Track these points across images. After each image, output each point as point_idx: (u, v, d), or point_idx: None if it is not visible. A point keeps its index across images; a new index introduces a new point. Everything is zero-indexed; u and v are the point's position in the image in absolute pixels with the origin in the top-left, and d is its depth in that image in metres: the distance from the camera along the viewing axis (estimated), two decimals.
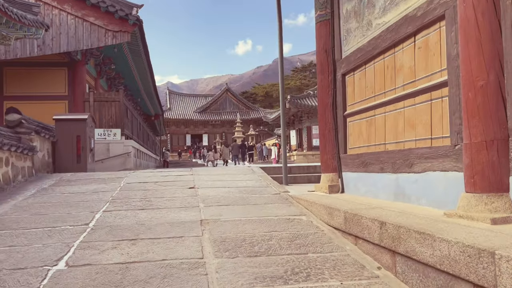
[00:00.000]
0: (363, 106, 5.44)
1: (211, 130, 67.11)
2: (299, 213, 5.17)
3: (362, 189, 5.44)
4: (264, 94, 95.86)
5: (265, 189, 6.80)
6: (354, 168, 5.64)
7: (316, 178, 9.73)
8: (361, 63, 5.44)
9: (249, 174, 8.39)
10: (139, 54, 19.27)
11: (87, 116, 10.30)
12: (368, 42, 5.20)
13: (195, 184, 7.22)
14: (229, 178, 7.95)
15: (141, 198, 6.11)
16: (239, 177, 8.07)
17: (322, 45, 6.39)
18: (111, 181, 7.67)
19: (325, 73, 6.34)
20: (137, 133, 21.88)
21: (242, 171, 8.80)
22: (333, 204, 4.58)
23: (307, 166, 10.15)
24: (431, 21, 3.94)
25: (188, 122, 66.18)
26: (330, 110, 6.27)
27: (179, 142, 65.98)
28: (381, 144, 4.97)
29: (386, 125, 4.86)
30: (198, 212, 5.24)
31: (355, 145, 5.70)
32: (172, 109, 66.34)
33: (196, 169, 9.59)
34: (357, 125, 5.65)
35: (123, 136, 16.22)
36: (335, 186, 6.09)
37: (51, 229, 4.48)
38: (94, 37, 15.52)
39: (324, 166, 6.35)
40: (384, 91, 4.90)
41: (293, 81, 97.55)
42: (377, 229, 3.39)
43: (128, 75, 22.46)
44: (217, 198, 6.07)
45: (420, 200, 4.09)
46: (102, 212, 5.31)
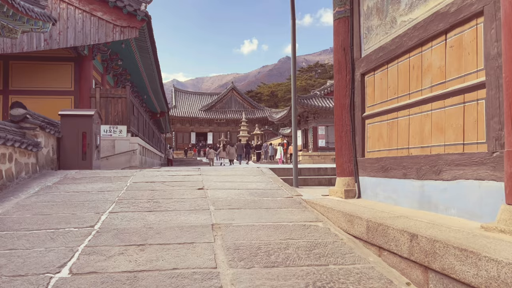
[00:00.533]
0: (384, 108, 5.17)
1: (216, 128, 66.93)
2: (315, 219, 4.90)
3: (381, 195, 5.17)
4: (269, 93, 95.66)
5: (277, 192, 6.53)
6: (372, 173, 5.37)
7: (326, 181, 9.47)
8: (383, 62, 5.17)
9: (259, 176, 8.13)
10: (146, 50, 19.05)
11: (93, 112, 10.07)
12: (392, 40, 4.93)
13: (204, 185, 6.97)
14: (238, 179, 7.69)
15: (149, 199, 5.86)
16: (249, 178, 7.81)
17: (340, 43, 6.12)
18: (117, 180, 7.43)
19: (342, 73, 6.07)
20: (143, 130, 21.67)
21: (251, 172, 8.54)
22: (353, 212, 4.31)
23: (317, 168, 9.87)
24: (466, 17, 3.66)
25: (193, 120, 66.06)
26: (347, 111, 6.00)
27: (184, 140, 65.87)
28: (404, 148, 4.69)
29: (410, 128, 4.58)
30: (209, 216, 4.98)
31: (374, 148, 5.43)
32: (178, 107, 66.21)
33: (204, 168, 9.35)
34: (377, 128, 5.37)
35: (129, 133, 16.01)
36: (351, 191, 5.82)
37: (54, 231, 4.24)
38: (101, 32, 15.30)
39: (340, 170, 6.08)
40: (409, 93, 4.62)
41: (298, 81, 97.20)
42: (407, 242, 3.12)
43: (135, 71, 22.25)
44: (227, 201, 5.81)
45: (450, 210, 3.81)
46: (108, 213, 5.06)
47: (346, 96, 6.01)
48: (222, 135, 63.36)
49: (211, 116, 66.33)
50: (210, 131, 67.12)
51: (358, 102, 5.84)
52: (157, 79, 23.92)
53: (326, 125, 36.69)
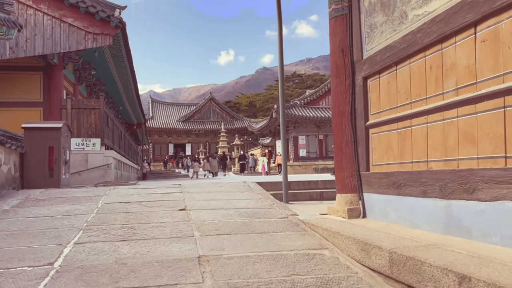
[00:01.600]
0: (393, 115, 4.53)
1: (194, 139, 65.87)
2: (319, 246, 4.19)
3: (392, 215, 4.50)
4: (247, 103, 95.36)
5: (269, 212, 5.80)
6: (381, 189, 4.70)
7: (318, 195, 8.80)
8: (391, 63, 4.54)
9: (246, 192, 7.39)
10: (121, 59, 18.16)
11: (61, 125, 9.16)
12: (402, 38, 4.30)
13: (186, 205, 6.18)
14: (224, 196, 6.93)
15: (123, 224, 5.04)
16: (236, 195, 7.06)
17: (337, 44, 5.48)
18: (87, 201, 6.57)
19: (341, 77, 5.42)
20: (118, 142, 20.66)
21: (238, 188, 7.79)
22: (368, 238, 3.62)
23: (307, 181, 9.19)
24: (505, 5, 3.05)
25: (171, 131, 64.87)
26: (347, 120, 5.34)
27: (161, 151, 64.54)
28: (421, 161, 4.04)
29: (429, 138, 3.94)
30: (194, 245, 4.21)
31: (382, 161, 4.77)
32: (155, 118, 64.95)
33: (185, 184, 8.54)
34: (384, 138, 4.72)
35: (103, 146, 15.05)
36: (355, 210, 5.14)
37: (1, 273, 3.40)
38: (72, 39, 14.38)
39: (341, 186, 5.40)
40: (426, 97, 3.99)
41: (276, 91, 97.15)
42: (454, 285, 2.44)
43: (110, 81, 21.28)
44: (214, 224, 5.04)
45: (490, 237, 3.16)
46: (73, 244, 4.24)
47: (346, 103, 5.36)
48: (200, 146, 62.33)
49: (189, 127, 65.25)
50: (189, 142, 65.99)
51: (360, 109, 5.19)
52: (133, 89, 22.98)
53: (306, 134, 36.27)
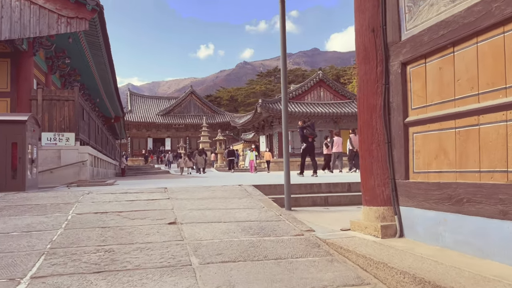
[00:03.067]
0: (447, 111, 3.55)
1: (174, 134, 64.36)
2: (358, 280, 3.20)
3: (446, 237, 3.53)
4: (229, 98, 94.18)
5: (278, 226, 4.78)
6: (428, 203, 3.73)
7: (322, 200, 7.83)
8: (446, 44, 3.55)
9: (245, 198, 6.34)
10: (98, 47, 16.80)
11: (27, 117, 7.92)
12: (468, 10, 3.32)
13: (177, 217, 5.10)
14: (220, 204, 5.86)
15: (98, 246, 3.93)
16: (233, 203, 6.00)
17: (366, 22, 4.47)
18: (54, 210, 5.42)
19: (370, 63, 4.42)
20: (95, 137, 19.30)
21: (234, 193, 6.73)
22: (437, 277, 2.64)
23: (309, 185, 8.20)
24: None
25: (150, 125, 63.20)
26: (379, 116, 4.34)
27: (140, 145, 62.86)
28: (496, 171, 3.07)
29: (509, 141, 2.97)
30: (194, 280, 3.16)
31: (429, 168, 3.79)
32: (134, 112, 63.14)
33: (171, 188, 7.42)
34: (433, 139, 3.74)
35: (78, 141, 13.76)
36: (389, 228, 4.16)
37: None
38: (43, 23, 12.99)
39: (370, 196, 4.41)
40: (505, 86, 3.01)
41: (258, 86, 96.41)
42: None
43: (86, 71, 19.84)
44: (215, 246, 3.99)
45: None
46: (30, 279, 3.13)
47: (377, 95, 4.36)
48: (181, 140, 60.83)
49: (169, 121, 63.66)
50: (168, 136, 64.46)
51: (396, 103, 4.20)
52: (111, 80, 21.58)
53: (291, 130, 35.32)
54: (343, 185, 8.32)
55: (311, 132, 12.90)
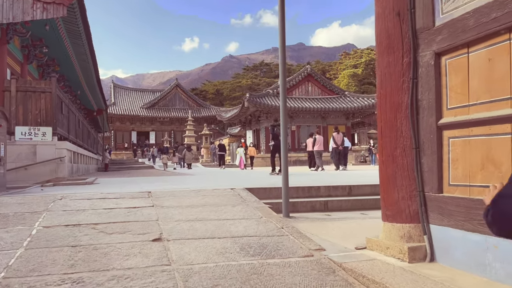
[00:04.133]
0: (501, 112, 2.88)
1: (159, 127, 63.12)
2: None
3: (498, 268, 2.87)
4: (214, 91, 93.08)
5: (282, 242, 4.08)
6: (472, 225, 3.06)
7: (321, 205, 7.16)
8: (500, 29, 2.87)
9: (239, 206, 5.62)
10: (78, 36, 15.79)
11: None
12: None
13: (163, 231, 4.35)
14: (212, 214, 5.13)
15: (64, 275, 3.17)
16: (227, 211, 5.27)
17: (389, 4, 3.77)
18: (17, 222, 4.62)
19: (395, 53, 3.72)
20: (75, 131, 18.33)
21: (227, 199, 6.00)
22: None
23: (307, 188, 7.52)
24: None
25: (134, 118, 61.82)
26: (405, 116, 3.66)
27: (124, 139, 61.50)
28: None
29: None
30: None
31: (474, 181, 3.12)
32: (117, 104, 61.68)
33: (156, 192, 6.65)
34: (478, 146, 3.07)
35: (56, 136, 12.83)
36: (418, 250, 3.48)
37: None
38: (17, 8, 11.99)
39: (392, 211, 3.73)
40: None
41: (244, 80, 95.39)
42: None
43: (65, 61, 18.76)
44: (210, 273, 3.26)
45: None
46: None
47: (403, 91, 3.67)
48: (165, 134, 59.66)
49: (153, 114, 62.35)
50: (153, 130, 63.17)
51: (428, 101, 3.52)
52: (93, 71, 20.53)
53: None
54: (343, 188, 7.66)
55: None
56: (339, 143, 17.43)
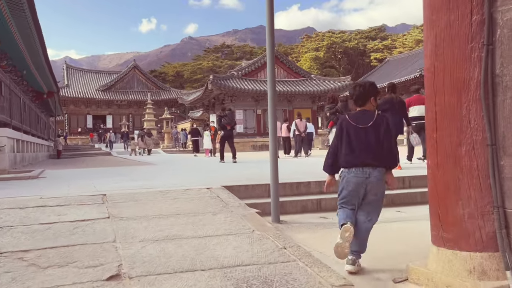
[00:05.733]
0: None
1: (116, 110, 60.34)
2: None
3: None
4: (174, 73, 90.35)
5: (290, 274, 2.92)
6: None
7: (314, 205, 6.09)
8: None
9: (221, 213, 4.41)
10: (20, 8, 13.81)
11: None
12: None
13: (122, 260, 3.08)
14: (189, 228, 3.88)
15: None
16: (207, 223, 4.04)
17: None
18: None
19: (461, 7, 2.59)
20: (20, 116, 16.39)
21: (204, 204, 4.77)
22: None
23: (296, 184, 6.40)
24: None
25: (90, 101, 58.71)
26: (474, 99, 2.56)
27: (79, 123, 58.40)
28: None
29: None
30: None
31: None
32: (71, 86, 58.27)
33: (113, 194, 5.31)
34: None
35: None
36: None
37: None
38: None
39: (454, 232, 2.65)
40: None
41: (205, 62, 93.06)
42: None
43: (6, 37, 16.55)
44: None
45: None
46: None
47: (471, 63, 2.56)
48: (123, 118, 57.10)
49: (110, 97, 59.42)
50: (110, 113, 60.31)
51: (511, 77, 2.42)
52: (40, 49, 18.38)
53: (244, 109, 33.48)
54: None
55: (228, 121, 13.08)
56: (301, 129, 16.60)
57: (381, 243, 3.84)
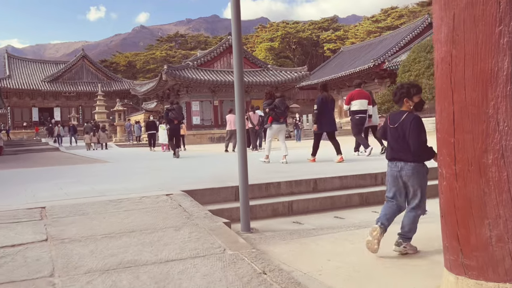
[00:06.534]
0: None
1: (64, 103, 57.41)
2: None
3: None
4: (126, 63, 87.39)
5: None
6: None
7: (285, 208, 5.58)
8: None
9: (185, 227, 3.76)
10: None
11: None
12: None
13: None
14: (147, 250, 3.22)
15: None
16: (168, 242, 3.40)
17: None
18: None
19: None
20: None
21: (163, 214, 4.10)
22: None
23: (265, 185, 5.83)
24: None
25: (35, 93, 55.44)
26: (504, 94, 2.08)
27: (23, 116, 55.08)
28: None
29: None
30: None
31: None
32: (13, 77, 54.75)
33: (55, 207, 4.51)
34: None
35: None
36: None
37: None
38: None
39: (478, 259, 2.17)
40: None
41: (158, 52, 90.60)
42: None
43: None
44: None
45: None
46: None
47: (500, 50, 2.08)
48: (72, 110, 54.37)
49: (57, 89, 56.35)
50: (58, 106, 57.29)
51: None
52: None
53: (200, 100, 32.58)
54: (307, 182, 6.10)
55: (175, 116, 12.91)
56: (255, 122, 15.99)
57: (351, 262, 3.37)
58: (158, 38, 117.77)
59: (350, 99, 10.13)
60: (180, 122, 13.65)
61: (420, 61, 24.14)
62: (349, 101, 10.17)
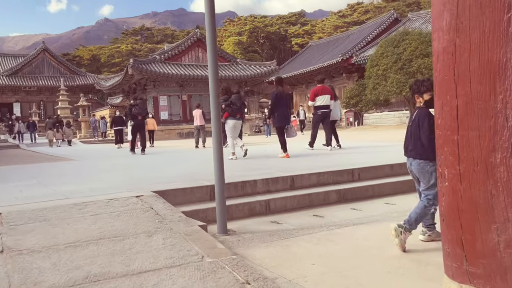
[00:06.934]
0: None
1: (24, 98, 55.11)
2: None
3: None
4: (90, 57, 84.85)
5: None
6: None
7: (262, 207, 5.37)
8: None
9: (158, 233, 3.47)
10: None
11: None
12: None
13: None
14: (117, 261, 2.91)
15: None
16: (140, 250, 3.10)
17: None
18: None
19: None
20: None
21: (134, 220, 3.78)
22: None
23: (241, 183, 5.58)
24: None
25: None
26: None
27: None
28: None
29: None
30: None
31: None
32: None
33: (13, 213, 4.10)
34: None
35: None
36: None
37: None
38: None
39: (484, 267, 2.00)
40: None
41: (123, 45, 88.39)
42: None
43: None
44: None
45: None
46: None
47: (508, 40, 1.91)
48: (33, 106, 52.31)
49: (17, 83, 54.01)
50: (17, 101, 54.95)
51: None
52: None
53: (168, 94, 31.87)
54: (284, 180, 5.90)
55: (139, 111, 12.71)
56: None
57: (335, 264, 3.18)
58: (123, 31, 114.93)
59: (315, 95, 10.38)
60: (144, 117, 13.40)
61: (388, 55, 24.36)
62: (313, 97, 10.42)
